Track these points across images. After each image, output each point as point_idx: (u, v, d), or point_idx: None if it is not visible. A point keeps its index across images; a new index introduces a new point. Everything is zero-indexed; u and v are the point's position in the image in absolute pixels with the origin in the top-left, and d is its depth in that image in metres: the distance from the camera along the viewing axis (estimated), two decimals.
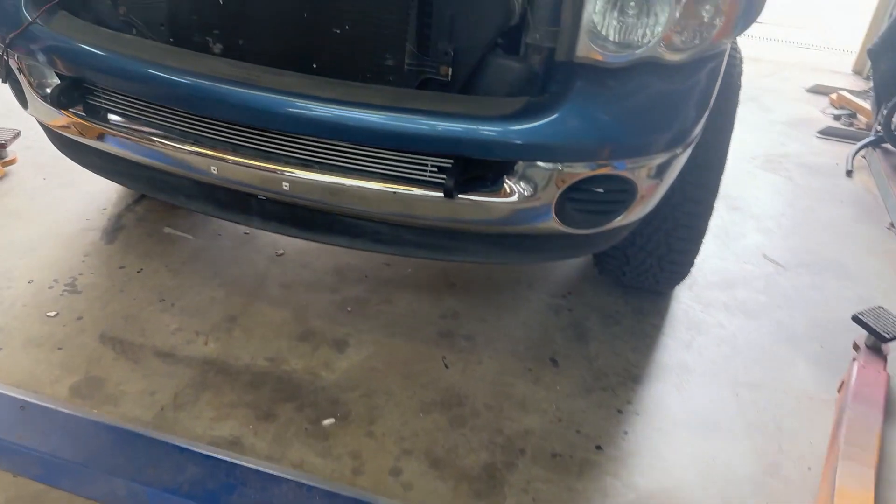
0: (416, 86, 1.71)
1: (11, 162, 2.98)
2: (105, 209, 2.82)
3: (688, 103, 1.71)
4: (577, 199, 1.72)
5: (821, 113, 4.58)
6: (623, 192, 1.74)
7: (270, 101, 1.64)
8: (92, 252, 2.58)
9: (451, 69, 1.69)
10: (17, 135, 3.02)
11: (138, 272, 2.50)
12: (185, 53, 1.76)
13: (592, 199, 1.74)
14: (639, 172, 1.70)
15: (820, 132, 4.22)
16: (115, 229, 2.71)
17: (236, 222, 2.01)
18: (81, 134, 1.95)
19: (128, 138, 1.88)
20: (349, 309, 2.41)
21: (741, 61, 2.19)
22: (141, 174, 1.99)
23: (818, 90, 4.90)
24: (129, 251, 2.60)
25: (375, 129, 1.61)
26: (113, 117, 1.90)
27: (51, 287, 2.39)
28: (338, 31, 1.70)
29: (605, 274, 2.54)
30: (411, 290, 2.53)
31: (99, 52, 1.75)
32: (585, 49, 1.57)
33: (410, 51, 1.68)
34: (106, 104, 1.89)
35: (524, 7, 1.66)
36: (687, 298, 2.62)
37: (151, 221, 2.78)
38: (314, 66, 1.75)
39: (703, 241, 2.29)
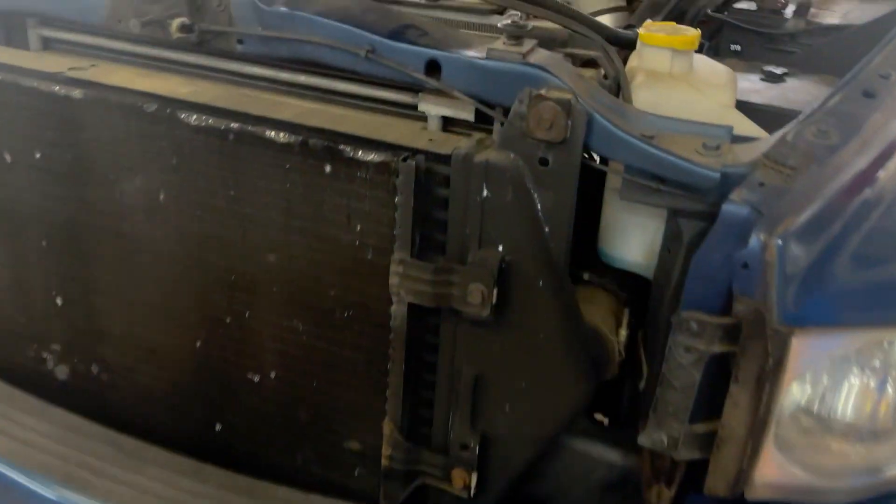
0: (403, 498, 0.84)
1: None
2: None
3: None
4: None
5: None
6: None
7: None
8: None
9: (474, 475, 0.81)
10: None
11: None
12: None
13: None
14: None
15: None
16: None
17: None
18: None
19: None
20: None
21: None
22: None
23: None
24: None
25: None
26: None
27: None
28: (256, 380, 0.87)
29: None
30: None
31: None
32: (777, 471, 0.68)
33: (392, 437, 0.81)
34: None
35: (626, 354, 0.79)
36: None
37: None
38: (217, 427, 0.92)
39: None
